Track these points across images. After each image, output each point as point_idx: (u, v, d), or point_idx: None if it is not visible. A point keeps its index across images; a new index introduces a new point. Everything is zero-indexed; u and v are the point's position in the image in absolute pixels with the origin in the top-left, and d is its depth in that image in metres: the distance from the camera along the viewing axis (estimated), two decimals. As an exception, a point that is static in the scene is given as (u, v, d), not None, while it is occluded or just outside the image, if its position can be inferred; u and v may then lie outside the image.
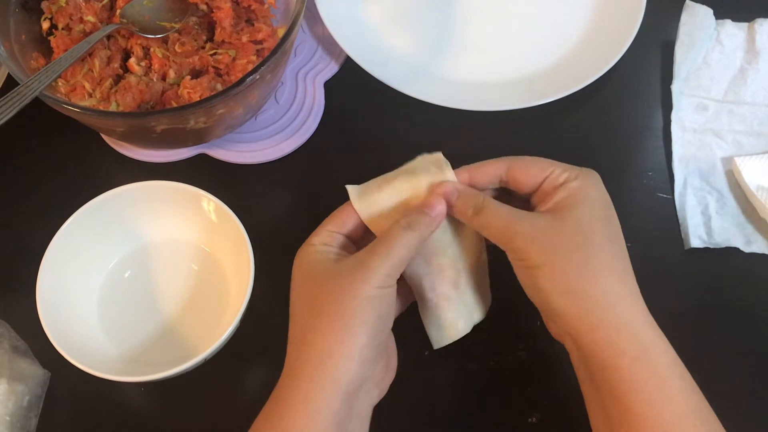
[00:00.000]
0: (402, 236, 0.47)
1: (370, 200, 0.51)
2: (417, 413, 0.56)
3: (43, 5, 0.64)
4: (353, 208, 0.51)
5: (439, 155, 0.52)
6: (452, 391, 0.57)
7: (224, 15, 0.64)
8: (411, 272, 0.51)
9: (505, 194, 0.52)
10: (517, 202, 0.51)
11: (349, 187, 0.51)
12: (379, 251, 0.47)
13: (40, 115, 0.58)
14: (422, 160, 0.52)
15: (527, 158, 0.51)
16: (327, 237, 0.50)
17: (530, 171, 0.50)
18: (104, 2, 0.65)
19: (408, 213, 0.49)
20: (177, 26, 0.64)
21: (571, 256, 0.46)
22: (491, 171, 0.51)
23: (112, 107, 0.60)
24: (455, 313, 0.51)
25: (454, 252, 0.51)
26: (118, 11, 0.64)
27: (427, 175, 0.51)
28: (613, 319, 0.45)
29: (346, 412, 0.45)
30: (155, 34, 0.63)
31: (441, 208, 0.49)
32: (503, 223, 0.48)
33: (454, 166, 0.51)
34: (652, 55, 0.73)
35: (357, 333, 0.45)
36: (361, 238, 0.52)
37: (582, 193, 0.48)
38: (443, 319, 0.51)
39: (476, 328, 0.57)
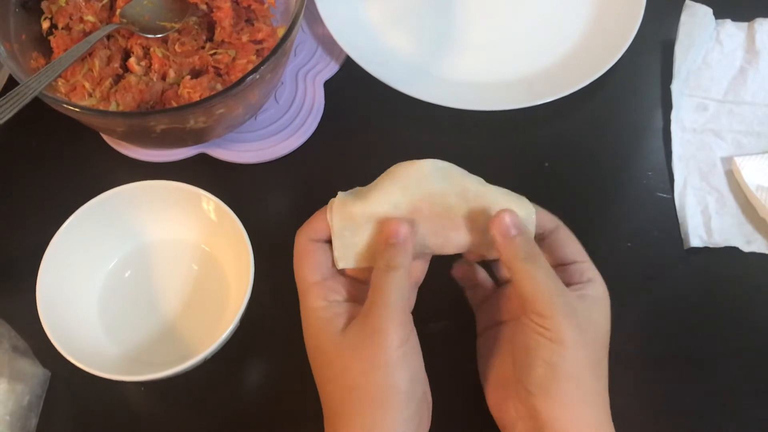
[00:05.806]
0: (389, 281, 0.45)
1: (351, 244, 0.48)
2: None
3: (43, 5, 0.64)
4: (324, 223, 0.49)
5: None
6: (452, 390, 0.57)
7: (224, 15, 0.64)
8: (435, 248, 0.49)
9: None
10: None
11: (337, 256, 0.48)
12: (378, 310, 0.45)
13: (40, 115, 0.58)
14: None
15: (572, 235, 0.51)
16: (321, 290, 0.48)
17: (570, 246, 0.50)
18: (104, 2, 0.65)
19: (377, 253, 0.47)
20: (177, 26, 0.64)
21: (594, 345, 0.46)
22: (543, 222, 0.51)
23: (112, 107, 0.60)
24: None
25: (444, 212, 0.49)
26: (118, 11, 0.64)
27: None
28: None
29: None
30: (155, 34, 0.63)
31: (404, 230, 0.47)
32: (547, 287, 0.46)
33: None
34: (651, 55, 0.73)
35: (392, 407, 0.43)
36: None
37: (606, 301, 0.49)
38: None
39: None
